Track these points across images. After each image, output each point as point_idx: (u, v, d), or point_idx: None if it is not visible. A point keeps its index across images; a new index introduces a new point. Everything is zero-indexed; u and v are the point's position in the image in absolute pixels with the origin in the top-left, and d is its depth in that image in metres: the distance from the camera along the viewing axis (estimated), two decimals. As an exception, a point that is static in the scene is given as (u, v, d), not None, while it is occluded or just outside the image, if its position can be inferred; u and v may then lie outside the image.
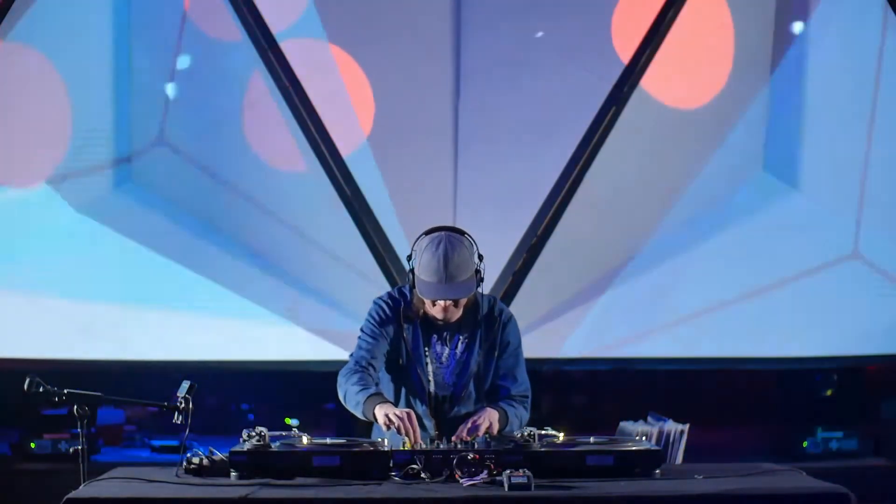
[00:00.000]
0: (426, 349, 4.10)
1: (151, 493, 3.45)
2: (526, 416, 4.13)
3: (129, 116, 6.83)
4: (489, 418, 3.94)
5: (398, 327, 4.11)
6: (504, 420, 4.00)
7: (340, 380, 4.08)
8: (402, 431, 3.79)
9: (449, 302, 4.00)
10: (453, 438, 3.83)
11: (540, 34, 6.84)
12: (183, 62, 6.80)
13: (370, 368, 4.07)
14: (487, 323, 4.13)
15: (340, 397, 4.07)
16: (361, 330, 4.15)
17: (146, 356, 6.72)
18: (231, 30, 6.73)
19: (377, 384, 4.08)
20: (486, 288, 6.56)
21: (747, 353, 6.97)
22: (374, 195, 6.79)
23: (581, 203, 6.81)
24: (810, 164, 7.01)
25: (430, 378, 4.10)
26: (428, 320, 4.10)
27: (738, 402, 7.80)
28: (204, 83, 6.82)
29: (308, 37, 6.78)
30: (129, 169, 6.89)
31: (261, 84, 6.76)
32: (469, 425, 3.90)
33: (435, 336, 4.12)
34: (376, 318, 4.12)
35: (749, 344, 6.93)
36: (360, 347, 4.12)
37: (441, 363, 4.11)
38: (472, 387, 4.11)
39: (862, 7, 6.84)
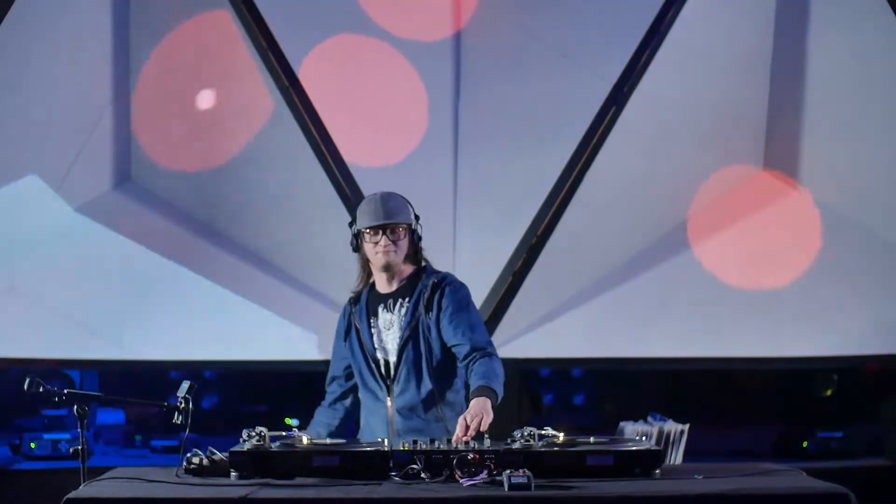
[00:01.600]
0: (372, 319, 4.27)
1: (151, 493, 3.45)
2: (498, 367, 4.12)
3: (129, 116, 6.83)
4: (480, 410, 3.91)
5: (349, 315, 4.32)
6: (493, 396, 4.00)
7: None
8: None
9: (389, 242, 4.17)
10: (454, 440, 3.83)
11: (540, 34, 6.84)
12: (182, 61, 6.80)
13: (333, 387, 4.42)
14: (429, 287, 4.24)
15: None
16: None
17: (146, 356, 6.71)
18: (231, 29, 6.73)
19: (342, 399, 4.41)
20: (485, 288, 6.66)
21: (747, 353, 6.96)
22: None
23: (581, 203, 6.80)
24: (810, 164, 7.01)
25: (376, 345, 4.24)
26: (374, 293, 4.30)
27: (738, 402, 7.80)
28: (204, 82, 6.82)
29: (307, 36, 6.78)
30: (129, 169, 6.89)
31: (261, 84, 6.76)
32: (463, 425, 3.87)
33: (381, 305, 4.27)
34: (338, 325, 4.39)
35: (749, 344, 6.93)
36: (330, 364, 4.46)
37: (387, 329, 4.25)
38: (413, 350, 4.18)
39: (862, 7, 6.83)
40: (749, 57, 6.95)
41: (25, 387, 3.72)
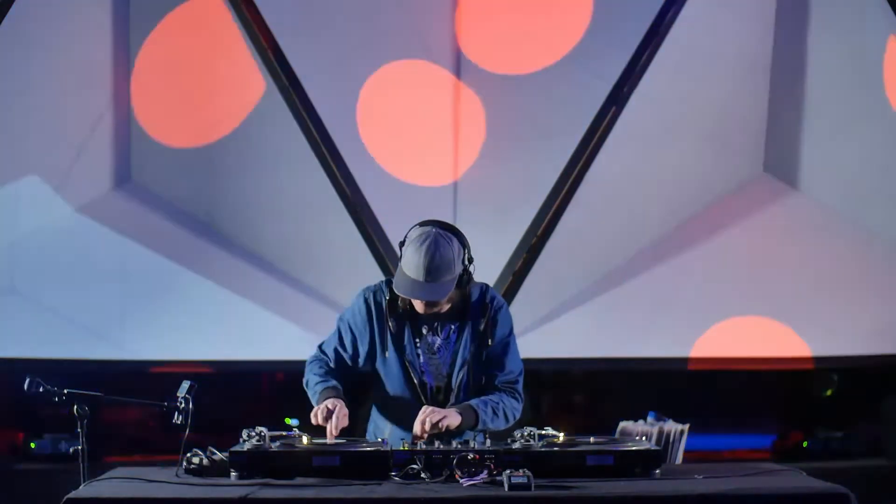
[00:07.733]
0: (417, 340, 4.05)
1: (151, 493, 3.45)
2: (512, 402, 4.06)
3: (129, 116, 6.83)
4: (443, 412, 3.88)
5: (382, 321, 4.05)
6: (471, 420, 3.94)
7: (307, 365, 4.14)
8: (323, 423, 3.85)
9: (429, 305, 3.96)
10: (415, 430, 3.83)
11: (540, 33, 6.84)
12: (183, 61, 6.81)
13: (335, 358, 4.10)
14: (479, 311, 4.07)
15: (304, 382, 4.14)
16: (339, 318, 4.12)
17: (146, 356, 6.72)
18: (232, 30, 6.74)
19: (339, 375, 4.10)
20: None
21: (747, 353, 6.97)
22: (374, 195, 6.80)
23: (581, 203, 6.81)
24: (810, 164, 7.02)
25: (423, 369, 4.06)
26: (412, 309, 4.04)
27: (738, 402, 7.80)
28: (204, 83, 6.82)
29: (308, 36, 6.79)
30: (129, 169, 6.90)
31: (261, 83, 6.76)
32: (422, 419, 3.85)
33: (426, 326, 4.05)
34: (357, 311, 4.08)
35: (749, 344, 6.93)
36: (332, 335, 4.13)
37: (433, 353, 4.06)
38: (466, 377, 4.07)
39: (862, 7, 6.83)
40: (749, 57, 6.95)
41: (25, 387, 3.72)
